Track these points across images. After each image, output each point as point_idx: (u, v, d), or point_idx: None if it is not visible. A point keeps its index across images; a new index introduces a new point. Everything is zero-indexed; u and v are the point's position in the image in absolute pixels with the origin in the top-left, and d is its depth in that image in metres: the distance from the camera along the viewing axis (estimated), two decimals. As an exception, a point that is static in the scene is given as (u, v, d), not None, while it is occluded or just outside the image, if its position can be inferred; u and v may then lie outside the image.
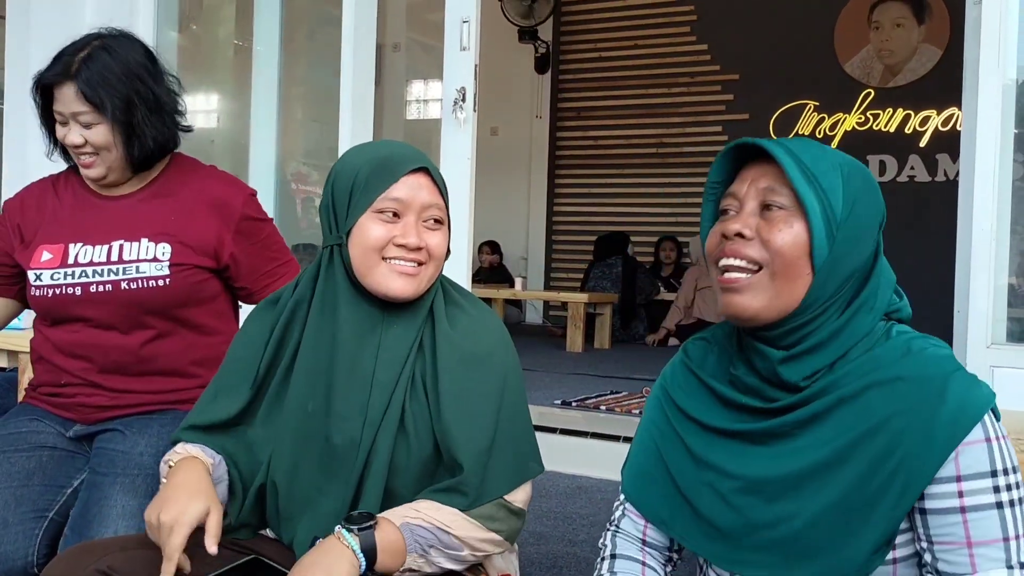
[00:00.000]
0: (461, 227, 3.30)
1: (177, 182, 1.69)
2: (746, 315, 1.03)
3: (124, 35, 1.65)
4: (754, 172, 1.06)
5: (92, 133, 1.57)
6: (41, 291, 1.61)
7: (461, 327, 1.26)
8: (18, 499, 1.54)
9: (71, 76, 1.54)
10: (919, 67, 6.98)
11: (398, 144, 1.30)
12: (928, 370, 0.99)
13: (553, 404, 3.29)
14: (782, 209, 1.02)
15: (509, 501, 1.21)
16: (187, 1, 4.96)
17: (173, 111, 1.65)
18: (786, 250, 1.00)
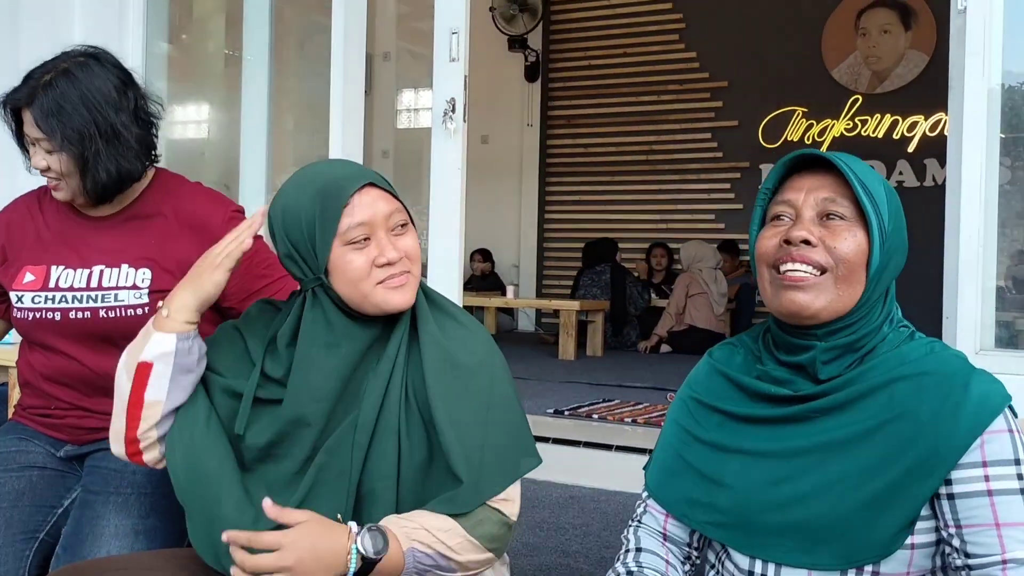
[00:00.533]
0: (452, 236, 3.31)
1: (160, 202, 1.65)
2: (808, 312, 1.07)
3: (95, 57, 1.58)
4: (809, 182, 1.11)
5: (53, 160, 1.54)
6: (22, 313, 1.60)
7: (450, 334, 1.26)
8: (8, 520, 1.53)
9: (29, 103, 1.52)
10: (906, 73, 7.02)
11: (329, 166, 1.27)
12: (952, 366, 1.07)
13: (545, 413, 3.29)
14: (843, 219, 1.09)
15: (508, 515, 1.22)
16: (177, 12, 4.96)
17: (136, 142, 1.57)
18: (851, 257, 1.07)
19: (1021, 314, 2.86)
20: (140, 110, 1.60)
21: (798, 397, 1.10)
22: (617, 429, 3.05)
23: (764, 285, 1.13)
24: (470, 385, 1.23)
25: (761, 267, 1.13)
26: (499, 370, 1.27)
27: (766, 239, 1.13)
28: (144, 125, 1.60)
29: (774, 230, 1.12)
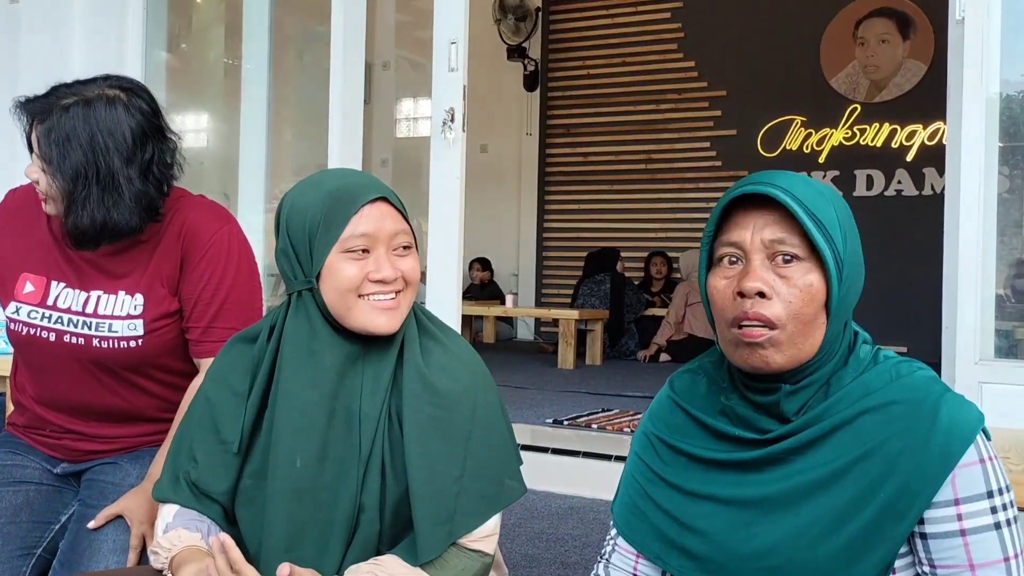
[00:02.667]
0: (451, 245, 3.31)
1: (159, 223, 1.57)
2: (769, 369, 1.01)
3: (131, 94, 1.49)
4: (755, 219, 1.02)
5: (43, 178, 1.46)
6: (17, 326, 1.56)
7: (435, 361, 1.22)
8: (5, 537, 1.51)
9: (42, 119, 1.45)
10: (904, 82, 7.04)
11: (347, 173, 1.24)
12: (918, 393, 1.00)
13: (544, 423, 3.29)
14: (797, 259, 1.00)
15: (481, 551, 1.19)
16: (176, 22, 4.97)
17: (134, 199, 1.46)
18: (804, 308, 0.99)
19: (1021, 323, 2.86)
20: (153, 165, 1.49)
21: (764, 440, 1.05)
22: (616, 439, 3.04)
23: (722, 339, 1.05)
24: (451, 414, 1.19)
25: (719, 320, 1.05)
26: (483, 396, 1.22)
27: (718, 288, 1.04)
28: (152, 183, 1.49)
29: (724, 277, 1.04)
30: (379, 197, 1.19)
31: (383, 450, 1.19)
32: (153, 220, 1.53)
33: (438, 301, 3.31)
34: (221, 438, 1.22)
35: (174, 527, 1.21)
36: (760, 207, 1.02)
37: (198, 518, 1.23)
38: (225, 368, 1.27)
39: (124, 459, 1.61)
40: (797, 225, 0.99)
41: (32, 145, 1.48)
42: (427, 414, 1.18)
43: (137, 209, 1.47)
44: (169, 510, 1.24)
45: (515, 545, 2.28)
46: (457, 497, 1.16)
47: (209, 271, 1.55)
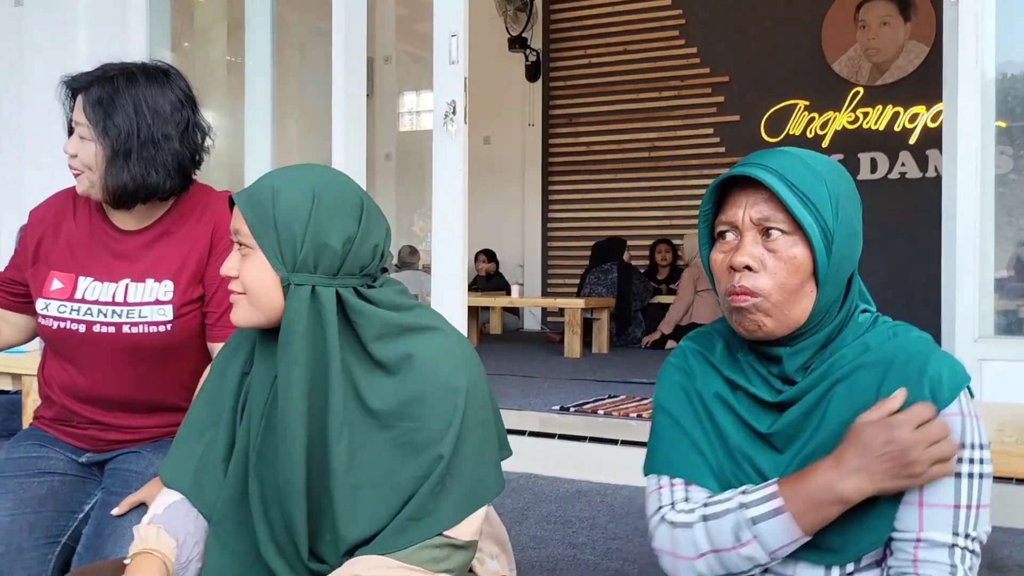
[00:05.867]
0: (456, 237, 3.35)
1: (187, 216, 1.67)
2: (760, 333, 1.09)
3: (166, 73, 1.62)
4: (746, 198, 1.10)
5: (83, 148, 1.57)
6: (47, 321, 1.63)
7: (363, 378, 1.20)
8: (31, 525, 1.56)
9: (86, 88, 1.57)
10: (907, 64, 7.04)
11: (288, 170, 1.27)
12: (910, 350, 1.08)
13: (551, 410, 3.33)
14: (783, 234, 1.08)
15: (454, 537, 1.17)
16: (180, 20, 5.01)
17: (171, 157, 1.58)
18: (789, 279, 1.07)
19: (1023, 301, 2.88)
20: (188, 132, 1.61)
21: (778, 404, 1.13)
22: (622, 424, 3.08)
23: (724, 308, 1.14)
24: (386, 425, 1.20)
25: (719, 289, 1.14)
26: (466, 395, 1.20)
27: (717, 261, 1.14)
28: (187, 146, 1.61)
29: (722, 251, 1.13)
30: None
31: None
32: (183, 187, 1.64)
33: (443, 293, 3.35)
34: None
35: (159, 521, 1.24)
36: (752, 186, 1.10)
37: (185, 515, 1.25)
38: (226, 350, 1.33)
39: (147, 449, 1.67)
40: (781, 204, 1.07)
41: (72, 122, 1.59)
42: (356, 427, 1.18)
43: (172, 169, 1.59)
44: (164, 500, 1.27)
45: (524, 528, 2.33)
46: (436, 496, 1.15)
47: None
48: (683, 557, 1.10)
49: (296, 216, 1.17)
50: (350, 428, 1.18)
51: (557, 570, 2.01)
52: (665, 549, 1.12)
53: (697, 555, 1.08)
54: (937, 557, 1.02)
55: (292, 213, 1.17)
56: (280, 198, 1.18)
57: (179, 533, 1.23)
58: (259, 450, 1.22)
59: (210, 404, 1.30)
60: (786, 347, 1.11)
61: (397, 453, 1.17)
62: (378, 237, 1.23)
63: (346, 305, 1.19)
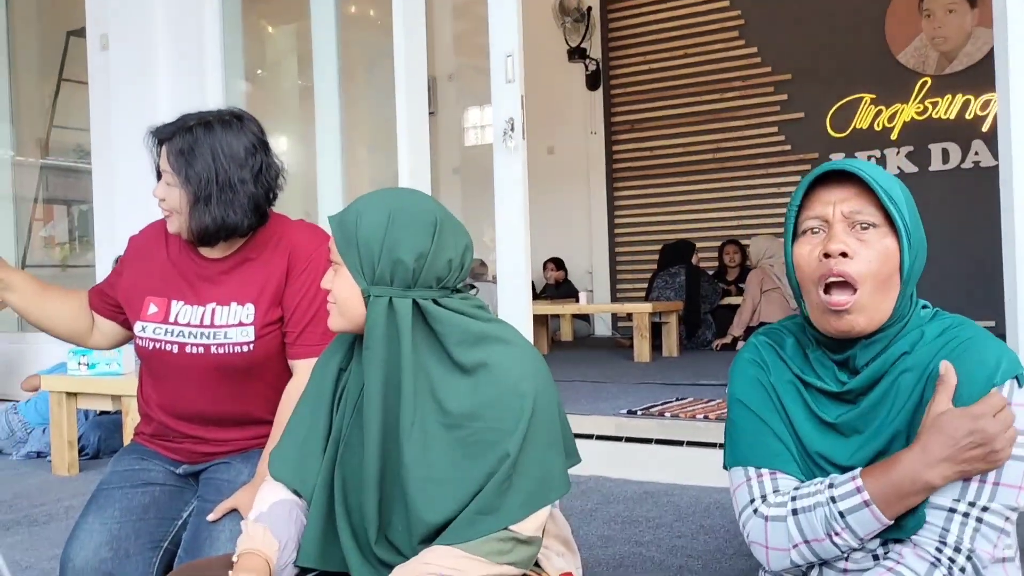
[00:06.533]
0: (518, 249, 3.45)
1: (266, 243, 1.81)
2: (854, 331, 1.16)
3: (240, 119, 1.75)
4: (835, 194, 1.17)
5: (169, 193, 1.73)
6: (144, 342, 1.80)
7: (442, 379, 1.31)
8: (137, 531, 1.72)
9: (169, 139, 1.73)
10: (975, 51, 6.88)
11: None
12: (967, 339, 1.15)
13: (619, 414, 3.40)
14: (873, 227, 1.15)
15: (517, 532, 1.24)
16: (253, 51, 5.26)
17: (248, 199, 1.72)
18: (881, 267, 1.14)
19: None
20: (263, 173, 1.75)
21: (846, 397, 1.20)
22: (689, 425, 3.13)
23: (810, 305, 1.19)
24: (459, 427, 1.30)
25: (806, 285, 1.18)
26: (537, 399, 1.29)
27: (803, 254, 1.18)
28: (262, 187, 1.74)
29: (810, 244, 1.18)
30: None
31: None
32: (260, 223, 1.78)
33: (509, 302, 3.46)
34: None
35: (265, 520, 1.35)
36: (838, 184, 1.18)
37: (287, 516, 1.36)
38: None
39: (236, 459, 1.82)
40: (871, 200, 1.16)
41: (159, 168, 1.75)
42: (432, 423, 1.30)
43: (249, 210, 1.73)
44: (269, 495, 1.39)
45: (591, 528, 2.41)
46: (504, 492, 1.24)
47: (308, 282, 1.76)
48: (776, 548, 1.17)
49: (373, 235, 1.31)
50: (422, 425, 1.30)
51: (623, 567, 2.09)
52: (759, 541, 1.19)
53: (791, 546, 1.16)
54: (933, 519, 1.10)
55: (370, 232, 1.31)
56: (361, 219, 1.32)
57: (282, 535, 1.34)
58: (347, 440, 1.35)
59: (311, 398, 1.43)
60: (861, 341, 1.18)
61: (467, 451, 1.28)
62: (453, 252, 1.34)
63: (426, 313, 1.31)
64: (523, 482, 1.26)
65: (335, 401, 1.41)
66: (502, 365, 1.29)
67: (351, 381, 1.38)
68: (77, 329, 1.90)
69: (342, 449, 1.35)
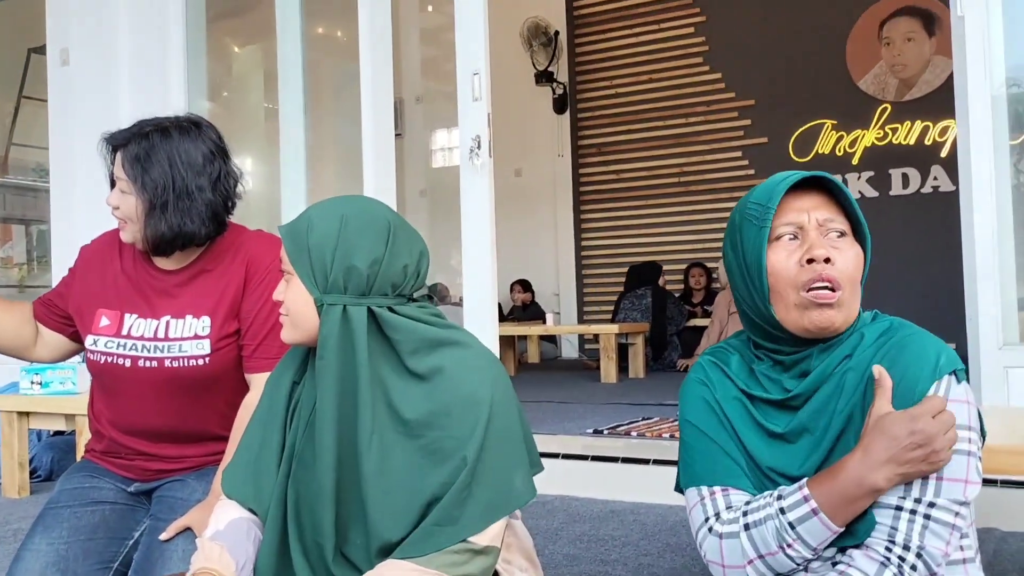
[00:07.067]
0: (485, 268, 3.44)
1: (223, 254, 1.77)
2: (833, 327, 1.17)
3: (197, 125, 1.71)
4: (805, 202, 1.20)
5: (124, 201, 1.68)
6: (95, 356, 1.74)
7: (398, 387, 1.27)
8: (86, 552, 1.65)
9: (124, 145, 1.68)
10: (933, 79, 7.03)
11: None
12: (907, 339, 1.17)
13: (585, 433, 3.39)
14: (844, 235, 1.19)
15: (474, 542, 1.21)
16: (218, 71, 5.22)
17: (206, 206, 1.67)
18: (855, 273, 1.18)
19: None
20: (221, 181, 1.70)
21: (790, 405, 1.21)
22: (655, 444, 3.13)
23: (786, 307, 1.17)
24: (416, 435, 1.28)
25: (785, 289, 1.17)
26: (493, 407, 1.27)
27: (781, 259, 1.18)
28: (220, 195, 1.69)
29: (786, 250, 1.18)
30: None
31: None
32: (218, 233, 1.73)
33: (475, 323, 3.44)
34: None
35: (223, 539, 1.31)
36: (805, 193, 1.21)
37: (245, 535, 1.32)
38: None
39: (190, 477, 1.76)
40: (839, 209, 1.20)
41: (113, 176, 1.70)
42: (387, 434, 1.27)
43: (207, 218, 1.68)
44: (225, 514, 1.35)
45: (557, 547, 2.38)
46: (464, 503, 1.21)
47: (266, 293, 1.71)
48: (732, 566, 1.16)
49: (325, 242, 1.27)
50: (380, 436, 1.26)
51: (588, 585, 2.06)
52: (715, 560, 1.18)
53: (746, 562, 1.15)
54: (880, 518, 1.10)
55: (322, 239, 1.27)
56: (313, 227, 1.29)
57: (240, 556, 1.30)
58: (300, 456, 1.31)
59: (264, 414, 1.39)
60: (819, 345, 1.19)
61: (425, 460, 1.24)
62: (408, 258, 1.30)
63: (381, 321, 1.28)
64: (482, 492, 1.23)
65: (288, 416, 1.37)
66: (458, 371, 1.26)
67: (304, 395, 1.34)
68: (19, 341, 1.82)
69: (295, 465, 1.31)
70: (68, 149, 4.45)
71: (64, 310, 1.82)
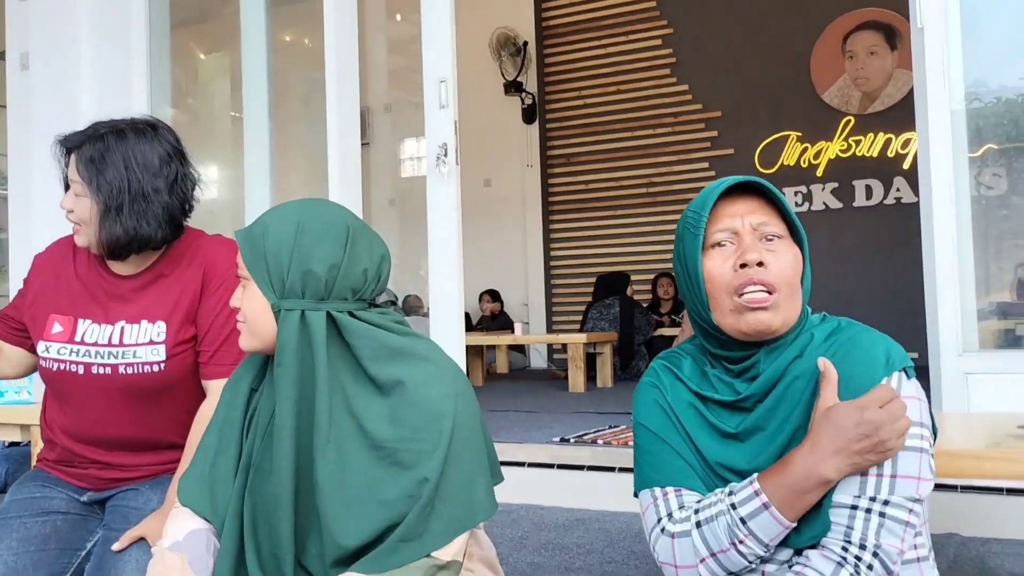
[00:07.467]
0: (451, 276, 3.42)
1: (179, 259, 1.74)
2: (770, 330, 1.17)
3: (154, 127, 1.68)
4: (739, 207, 1.19)
5: (78, 204, 1.65)
6: (48, 363, 1.70)
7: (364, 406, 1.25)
8: (35, 563, 1.61)
9: (78, 147, 1.64)
10: (896, 92, 7.15)
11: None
12: (856, 337, 1.17)
13: (551, 442, 3.37)
14: (779, 239, 1.18)
15: (437, 557, 1.20)
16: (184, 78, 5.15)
17: (162, 209, 1.64)
18: (793, 275, 1.17)
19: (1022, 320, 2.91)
20: (178, 183, 1.67)
21: (742, 407, 1.21)
22: (621, 452, 3.11)
23: (722, 312, 1.18)
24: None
25: (720, 295, 1.18)
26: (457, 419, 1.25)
27: (716, 266, 1.18)
28: (177, 198, 1.66)
29: (721, 256, 1.19)
30: None
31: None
32: (175, 236, 1.70)
33: (441, 332, 3.42)
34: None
35: (183, 550, 1.28)
36: (740, 198, 1.20)
37: (205, 547, 1.29)
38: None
39: (145, 486, 1.72)
40: (773, 212, 1.19)
41: (68, 179, 1.66)
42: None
43: (163, 221, 1.65)
44: (184, 524, 1.32)
45: (521, 555, 2.36)
46: (427, 518, 1.19)
47: (224, 299, 1.68)
48: (685, 566, 1.15)
49: (282, 246, 1.25)
50: (337, 445, 1.24)
51: (552, 594, 2.05)
52: (668, 561, 1.17)
53: (698, 561, 1.14)
54: (836, 518, 1.09)
55: (279, 244, 1.25)
56: (269, 231, 1.26)
57: (201, 569, 1.27)
58: (257, 466, 1.28)
59: (221, 422, 1.35)
60: (765, 348, 1.19)
61: (384, 472, 1.22)
62: (368, 262, 1.28)
63: (340, 327, 1.25)
64: (446, 506, 1.21)
65: (246, 424, 1.34)
66: (420, 385, 1.24)
67: (262, 402, 1.31)
68: None
69: (252, 475, 1.28)
70: (27, 156, 4.37)
71: (21, 322, 1.78)
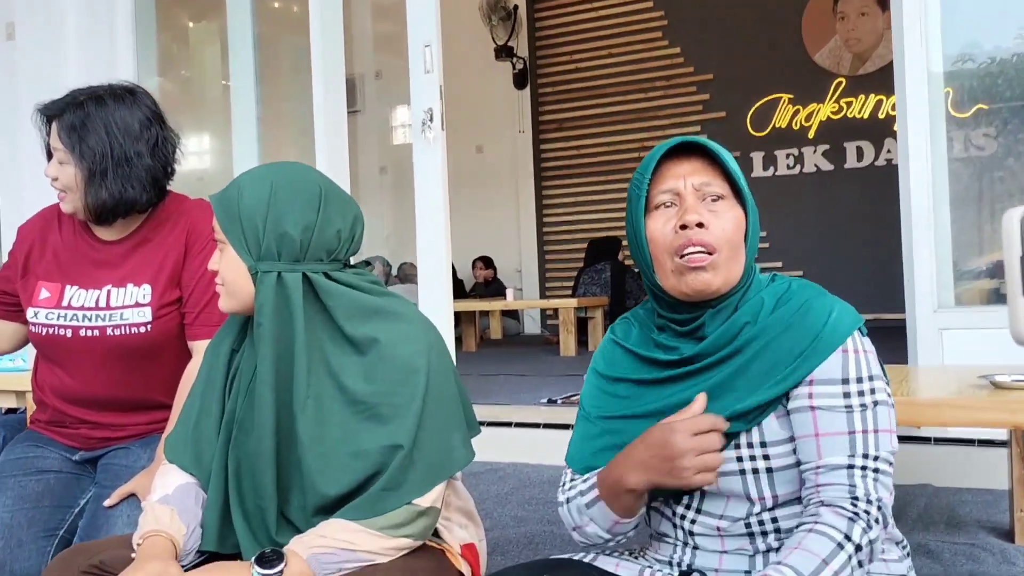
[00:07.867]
0: (438, 243, 3.45)
1: (163, 223, 1.78)
2: (710, 289, 1.18)
3: (132, 93, 1.71)
4: (682, 168, 1.19)
5: (62, 171, 1.68)
6: (37, 328, 1.75)
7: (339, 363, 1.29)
8: (30, 520, 1.67)
9: (59, 115, 1.68)
10: (887, 53, 7.12)
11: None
12: (808, 299, 1.19)
13: (539, 403, 3.43)
14: (722, 199, 1.18)
15: (416, 503, 1.24)
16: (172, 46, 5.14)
17: (145, 172, 1.68)
18: (734, 235, 1.17)
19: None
20: (159, 147, 1.71)
21: (684, 359, 1.22)
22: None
23: (665, 274, 1.20)
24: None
25: (662, 256, 1.19)
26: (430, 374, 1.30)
27: (658, 227, 1.19)
28: (158, 160, 1.70)
29: (663, 217, 1.19)
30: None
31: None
32: (159, 199, 1.74)
33: (430, 297, 3.45)
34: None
35: (172, 502, 1.32)
36: (684, 159, 1.21)
37: (194, 500, 1.33)
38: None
39: (135, 445, 1.78)
40: (717, 172, 1.20)
41: (50, 147, 1.70)
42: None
43: (147, 183, 1.69)
44: (172, 479, 1.36)
45: (506, 509, 2.43)
46: (406, 467, 1.24)
47: (207, 262, 1.71)
48: (568, 529, 1.28)
49: (256, 209, 1.29)
50: (316, 402, 1.29)
51: (533, 544, 2.11)
52: (564, 519, 1.29)
53: (572, 528, 1.27)
54: (835, 479, 1.11)
55: (253, 206, 1.29)
56: (243, 194, 1.30)
57: (190, 520, 1.31)
58: (240, 423, 1.33)
59: (203, 382, 1.40)
60: (710, 309, 1.20)
61: (362, 426, 1.27)
62: (341, 223, 1.32)
63: (316, 287, 1.30)
64: (425, 456, 1.26)
65: (228, 383, 1.39)
66: (394, 342, 1.28)
67: (244, 362, 1.36)
68: None
69: (236, 431, 1.33)
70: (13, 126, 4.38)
71: (12, 295, 1.82)
